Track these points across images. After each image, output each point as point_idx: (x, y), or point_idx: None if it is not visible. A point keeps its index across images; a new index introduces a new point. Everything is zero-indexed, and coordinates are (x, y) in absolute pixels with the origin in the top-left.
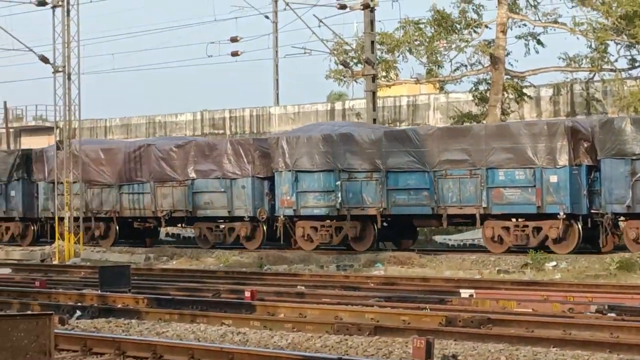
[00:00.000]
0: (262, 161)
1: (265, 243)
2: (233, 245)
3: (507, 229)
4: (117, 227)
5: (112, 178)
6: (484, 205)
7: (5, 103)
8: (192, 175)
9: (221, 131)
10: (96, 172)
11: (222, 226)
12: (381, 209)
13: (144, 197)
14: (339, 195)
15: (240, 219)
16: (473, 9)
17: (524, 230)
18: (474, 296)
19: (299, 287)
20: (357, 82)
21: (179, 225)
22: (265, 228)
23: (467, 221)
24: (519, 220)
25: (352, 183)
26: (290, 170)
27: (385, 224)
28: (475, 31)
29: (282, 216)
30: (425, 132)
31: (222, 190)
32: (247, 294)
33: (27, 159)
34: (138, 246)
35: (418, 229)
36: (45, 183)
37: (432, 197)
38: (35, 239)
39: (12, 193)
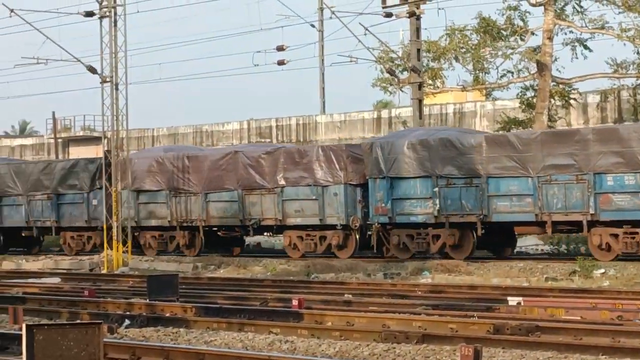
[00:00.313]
0: (354, 167)
1: (357, 252)
2: (325, 254)
3: (615, 236)
4: (203, 236)
5: (198, 186)
6: (592, 211)
7: (53, 113)
8: (282, 182)
9: (268, 140)
10: (181, 180)
11: (313, 234)
12: (481, 216)
13: (232, 205)
14: (437, 202)
15: (332, 227)
16: (519, 15)
17: (634, 238)
18: (522, 304)
19: (346, 295)
20: (402, 91)
21: (266, 234)
22: (357, 236)
23: (572, 228)
24: (629, 227)
25: (450, 189)
26: (384, 177)
27: (483, 231)
28: (521, 38)
29: (376, 224)
30: (528, 136)
31: (314, 197)
32: (295, 302)
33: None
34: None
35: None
36: (128, 191)
37: (536, 203)
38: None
39: (94, 202)
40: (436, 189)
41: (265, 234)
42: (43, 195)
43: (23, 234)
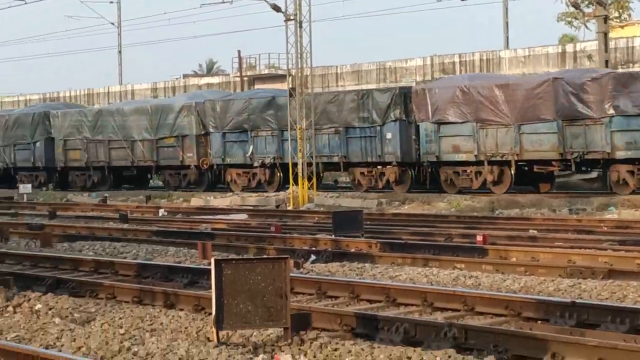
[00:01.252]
0: None
1: None
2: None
3: None
4: (514, 172)
5: (510, 117)
6: None
7: (239, 52)
8: (611, 111)
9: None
10: (490, 111)
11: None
12: None
13: (549, 138)
14: None
15: None
16: None
17: None
18: None
19: (531, 231)
20: (587, 27)
21: (587, 169)
22: None
23: None
24: None
25: None
26: None
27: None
28: None
29: None
30: None
31: None
32: (479, 238)
33: (404, 98)
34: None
35: None
36: (428, 124)
37: None
38: (418, 184)
39: (388, 136)
40: None
41: (586, 169)
42: (330, 128)
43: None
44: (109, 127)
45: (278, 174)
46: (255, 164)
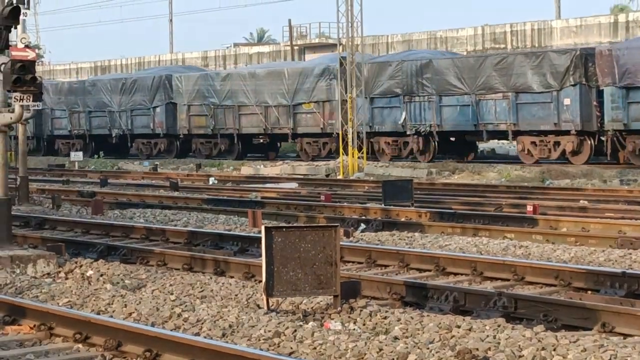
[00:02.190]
0: None
1: None
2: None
3: None
4: None
5: None
6: None
7: (289, 21)
8: None
9: (502, 46)
10: None
11: None
12: None
13: None
14: None
15: None
16: None
17: None
18: None
19: (581, 201)
20: None
21: None
22: None
23: None
24: None
25: None
26: None
27: None
28: None
29: None
30: None
31: None
32: (529, 208)
33: (585, 60)
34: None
35: None
36: (614, 88)
37: None
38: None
39: (566, 102)
40: None
41: None
42: (497, 94)
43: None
44: (239, 91)
45: (433, 143)
46: (409, 132)
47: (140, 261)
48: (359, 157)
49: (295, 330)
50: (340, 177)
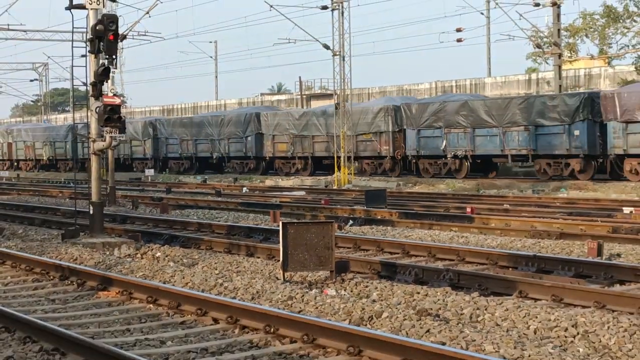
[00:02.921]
0: None
1: None
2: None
3: None
4: None
5: None
6: None
7: (300, 77)
8: None
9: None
10: None
11: None
12: None
13: None
14: None
15: None
16: (634, 3)
17: None
18: (633, 212)
19: (505, 205)
20: (546, 62)
21: None
22: None
23: None
24: None
25: None
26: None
27: None
28: (635, 20)
29: None
30: None
31: None
32: (468, 209)
33: (592, 101)
34: (387, 176)
35: None
36: (616, 123)
37: None
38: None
39: (576, 132)
40: None
41: None
42: (520, 127)
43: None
44: (312, 125)
45: (466, 164)
46: (449, 155)
47: (194, 246)
48: (348, 174)
49: (303, 295)
50: (335, 187)
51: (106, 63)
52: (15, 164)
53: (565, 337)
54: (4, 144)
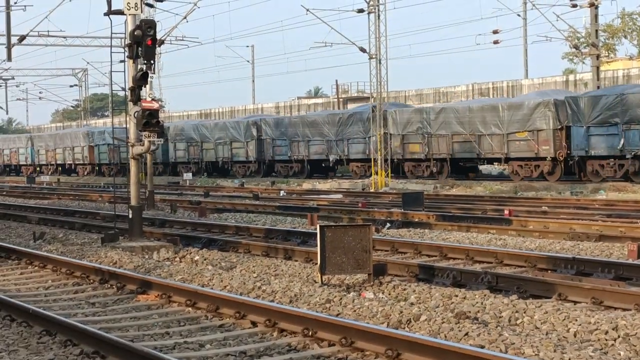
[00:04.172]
0: None
1: None
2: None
3: None
4: None
5: None
6: None
7: (336, 81)
8: None
9: (486, 97)
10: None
11: None
12: None
13: None
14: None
15: None
16: None
17: None
18: None
19: (543, 207)
20: (583, 62)
21: None
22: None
23: None
24: None
25: None
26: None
27: None
28: None
29: None
30: None
31: None
32: (506, 211)
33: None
34: (427, 178)
35: None
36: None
37: None
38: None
39: None
40: None
41: None
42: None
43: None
44: (452, 123)
45: None
46: (628, 156)
47: (232, 249)
48: (385, 176)
49: (341, 298)
50: (372, 190)
51: (144, 68)
52: (97, 168)
53: (606, 340)
54: (84, 148)
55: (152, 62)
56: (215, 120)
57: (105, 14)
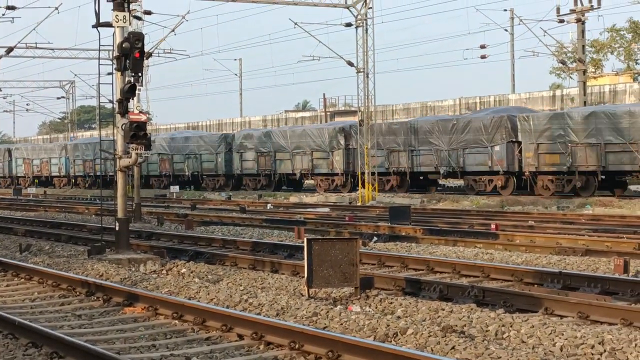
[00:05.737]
0: None
1: None
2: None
3: None
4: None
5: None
6: None
7: (324, 94)
8: None
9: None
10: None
11: None
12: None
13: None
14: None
15: None
16: None
17: None
18: None
19: (529, 222)
20: (571, 77)
21: None
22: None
23: None
24: None
25: None
26: None
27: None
28: None
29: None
30: None
31: None
32: (493, 226)
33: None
34: (415, 192)
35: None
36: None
37: None
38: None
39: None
40: None
41: None
42: None
43: None
44: (605, 129)
45: None
46: None
47: (219, 262)
48: (372, 190)
49: (328, 312)
50: (359, 204)
51: (132, 80)
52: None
53: (592, 354)
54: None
55: (139, 74)
56: (292, 126)
57: (93, 27)
